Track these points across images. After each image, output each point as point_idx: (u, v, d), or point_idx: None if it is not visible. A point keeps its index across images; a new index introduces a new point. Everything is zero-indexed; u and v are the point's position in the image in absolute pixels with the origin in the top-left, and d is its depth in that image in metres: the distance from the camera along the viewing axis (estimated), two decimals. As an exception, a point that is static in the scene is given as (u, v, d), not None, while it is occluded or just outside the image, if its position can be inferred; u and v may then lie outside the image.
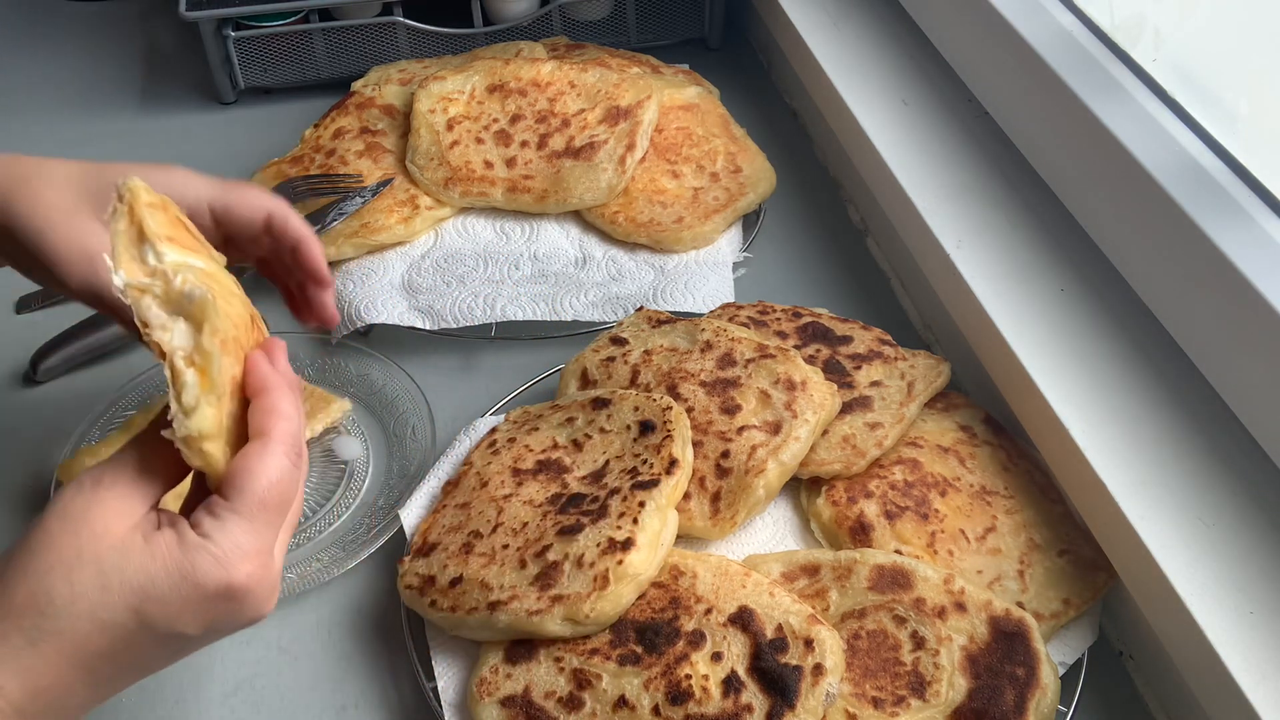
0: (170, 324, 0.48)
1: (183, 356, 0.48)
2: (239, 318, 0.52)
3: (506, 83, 1.01)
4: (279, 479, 0.50)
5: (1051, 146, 0.82)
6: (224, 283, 0.52)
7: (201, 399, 0.48)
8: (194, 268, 0.50)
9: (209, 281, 0.50)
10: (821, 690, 0.60)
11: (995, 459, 0.75)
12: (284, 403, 0.51)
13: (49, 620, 0.46)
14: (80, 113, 1.16)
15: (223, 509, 0.49)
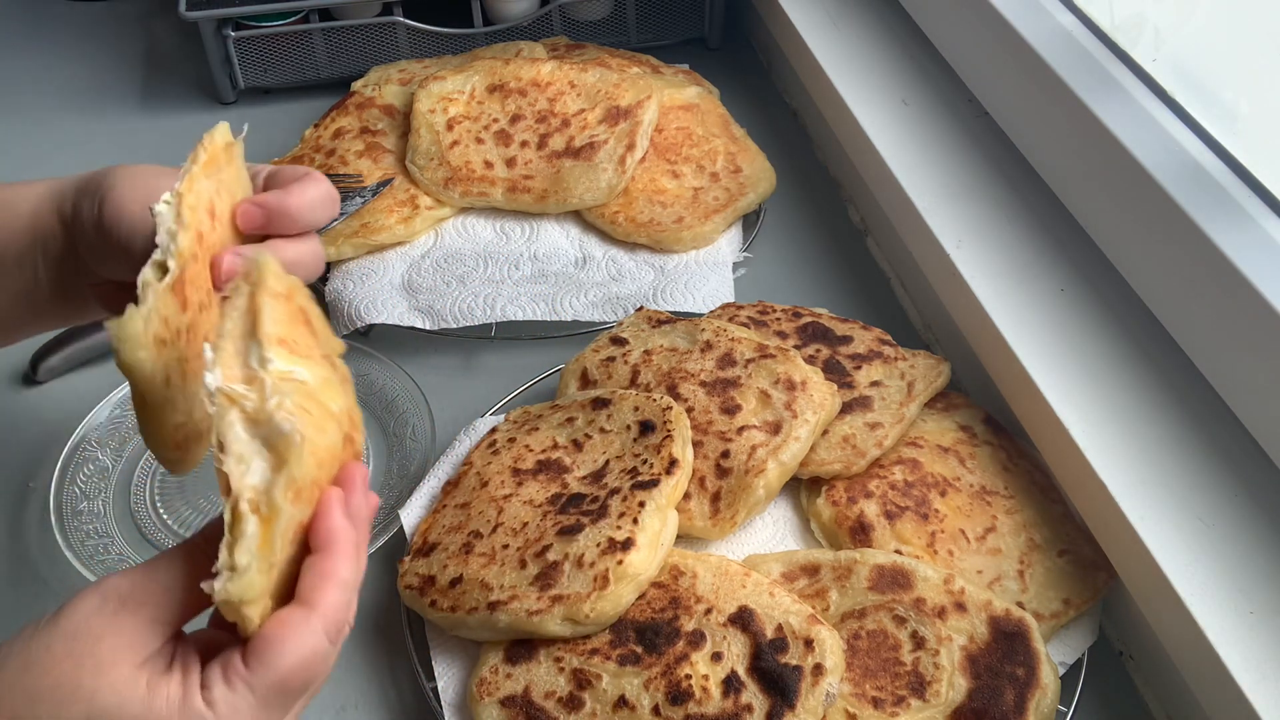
0: (249, 456, 0.43)
1: (249, 500, 0.43)
2: (328, 450, 0.46)
3: (506, 83, 1.01)
4: (309, 660, 0.45)
5: (1051, 146, 0.82)
6: (325, 400, 0.47)
7: (255, 562, 0.43)
8: (297, 383, 0.45)
9: (309, 403, 0.45)
10: (821, 690, 0.60)
11: (995, 459, 0.75)
12: (342, 566, 0.46)
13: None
14: (80, 113, 1.16)
15: (238, 679, 0.44)
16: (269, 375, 0.44)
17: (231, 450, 0.43)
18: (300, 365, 0.46)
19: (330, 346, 0.50)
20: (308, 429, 0.44)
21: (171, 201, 0.49)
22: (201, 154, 0.51)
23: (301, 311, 0.48)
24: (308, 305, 0.49)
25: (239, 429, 0.43)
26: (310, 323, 0.49)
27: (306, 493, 0.45)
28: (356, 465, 0.49)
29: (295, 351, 0.46)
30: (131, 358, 0.45)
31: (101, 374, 0.88)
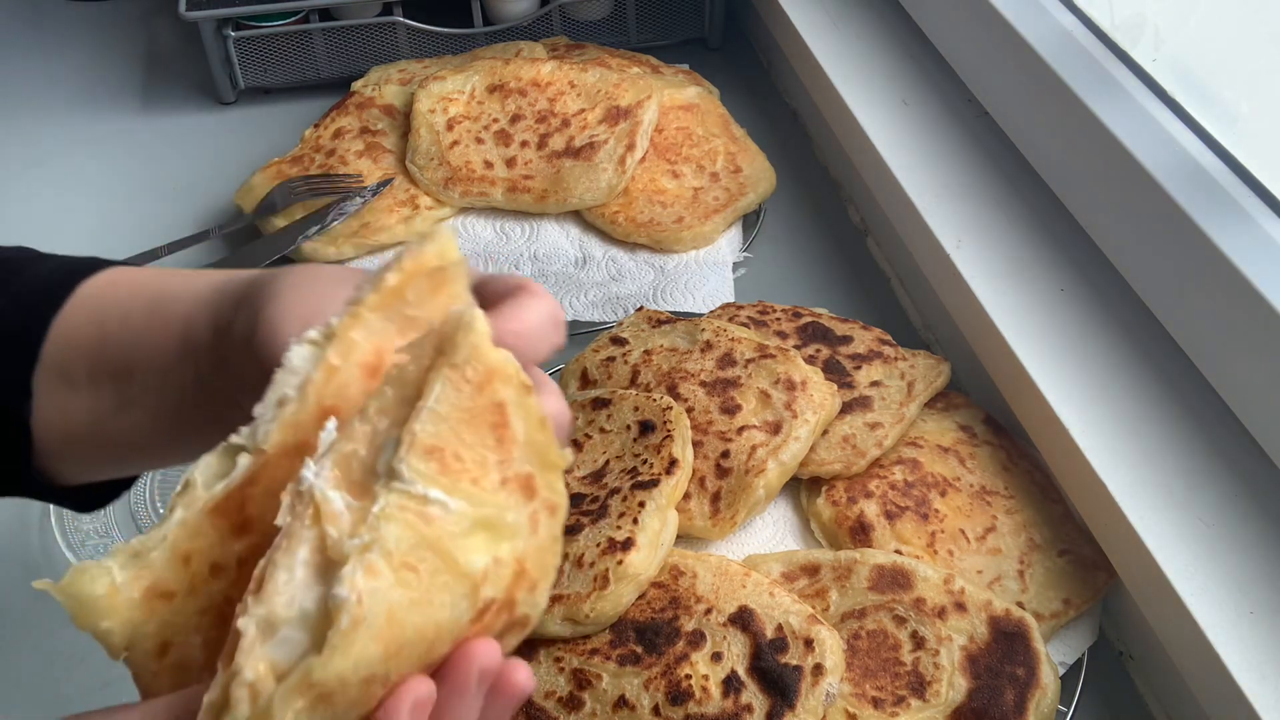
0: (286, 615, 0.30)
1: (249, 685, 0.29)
2: (424, 630, 0.31)
3: (506, 83, 1.01)
4: None
5: (1051, 146, 0.82)
6: (461, 553, 0.31)
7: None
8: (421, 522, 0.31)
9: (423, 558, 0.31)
10: (821, 690, 0.60)
11: (995, 459, 0.75)
12: None
13: None
14: (80, 113, 1.16)
15: None
16: (388, 497, 0.30)
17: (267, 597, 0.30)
18: (452, 494, 0.31)
19: (534, 457, 0.34)
20: (388, 597, 0.30)
21: (318, 341, 0.35)
22: (391, 276, 0.35)
23: (497, 409, 0.33)
24: (515, 401, 0.33)
25: (299, 567, 0.30)
26: (506, 426, 0.33)
27: (359, 695, 0.30)
28: (477, 653, 0.33)
29: (454, 470, 0.32)
30: (88, 629, 0.32)
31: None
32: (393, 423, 0.32)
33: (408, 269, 0.35)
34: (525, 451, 0.34)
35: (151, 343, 0.48)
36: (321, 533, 0.30)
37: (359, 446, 0.32)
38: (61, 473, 0.51)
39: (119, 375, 0.48)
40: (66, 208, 1.05)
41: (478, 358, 0.32)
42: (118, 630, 0.33)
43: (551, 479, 0.34)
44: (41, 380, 0.48)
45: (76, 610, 0.32)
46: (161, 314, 0.48)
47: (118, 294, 0.49)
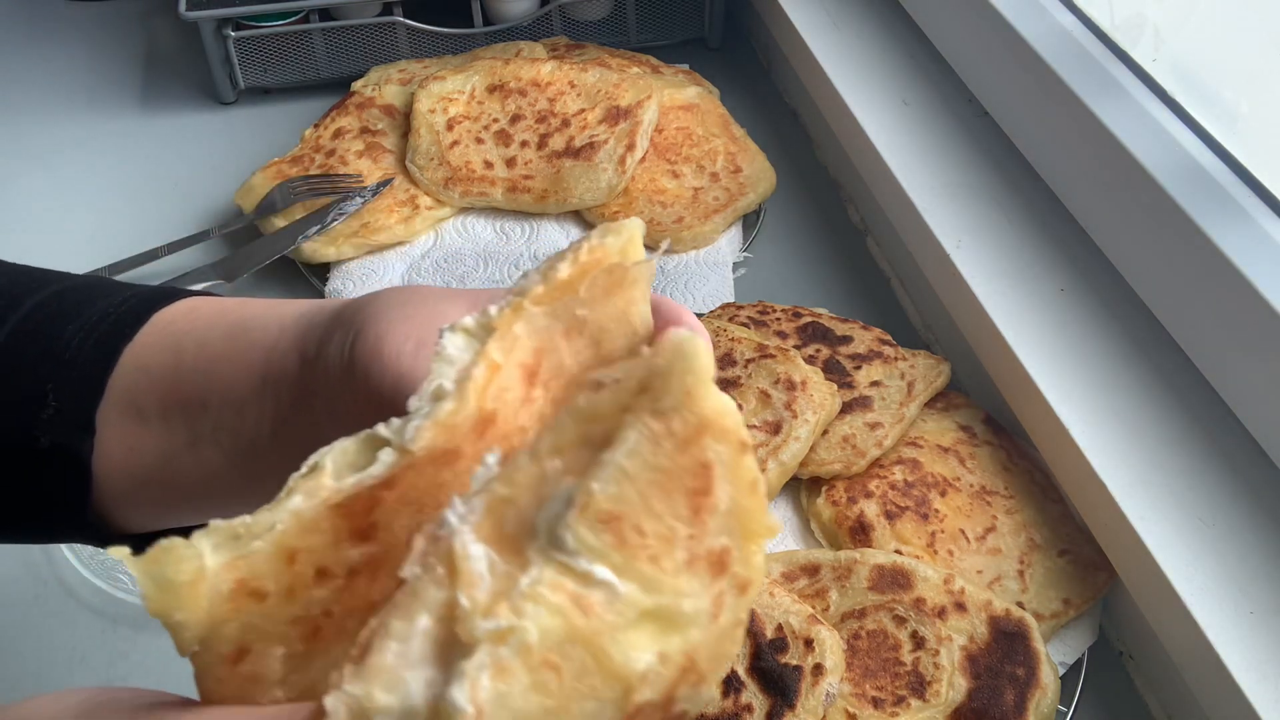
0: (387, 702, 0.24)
1: None
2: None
3: (506, 83, 1.01)
4: None
5: (1051, 146, 0.82)
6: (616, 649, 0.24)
7: None
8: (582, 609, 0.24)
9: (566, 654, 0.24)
10: (821, 690, 0.60)
11: (995, 459, 0.75)
12: None
13: None
14: (80, 113, 1.16)
15: None
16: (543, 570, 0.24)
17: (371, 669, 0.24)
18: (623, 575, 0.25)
19: (734, 528, 0.26)
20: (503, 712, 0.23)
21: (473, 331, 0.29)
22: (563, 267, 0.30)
23: (701, 472, 0.25)
24: (727, 463, 0.26)
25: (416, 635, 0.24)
26: (708, 495, 0.26)
27: None
28: None
29: (632, 545, 0.25)
30: (158, 615, 0.27)
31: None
32: (567, 469, 0.25)
33: (584, 262, 0.30)
34: (725, 522, 0.26)
35: (229, 373, 0.44)
36: (453, 599, 0.24)
37: (520, 493, 0.25)
38: (122, 518, 0.47)
39: (192, 408, 0.44)
40: (66, 208, 1.05)
41: (690, 406, 0.25)
42: (193, 625, 0.27)
43: (750, 551, 0.27)
44: (109, 414, 0.45)
45: (153, 593, 0.27)
46: (242, 342, 0.44)
47: (195, 321, 0.46)
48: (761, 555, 0.27)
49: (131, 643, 0.72)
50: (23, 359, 0.46)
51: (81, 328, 0.46)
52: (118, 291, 0.48)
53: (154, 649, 0.72)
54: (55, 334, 0.46)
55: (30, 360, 0.45)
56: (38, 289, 0.48)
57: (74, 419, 0.44)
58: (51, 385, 0.45)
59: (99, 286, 0.48)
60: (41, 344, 0.46)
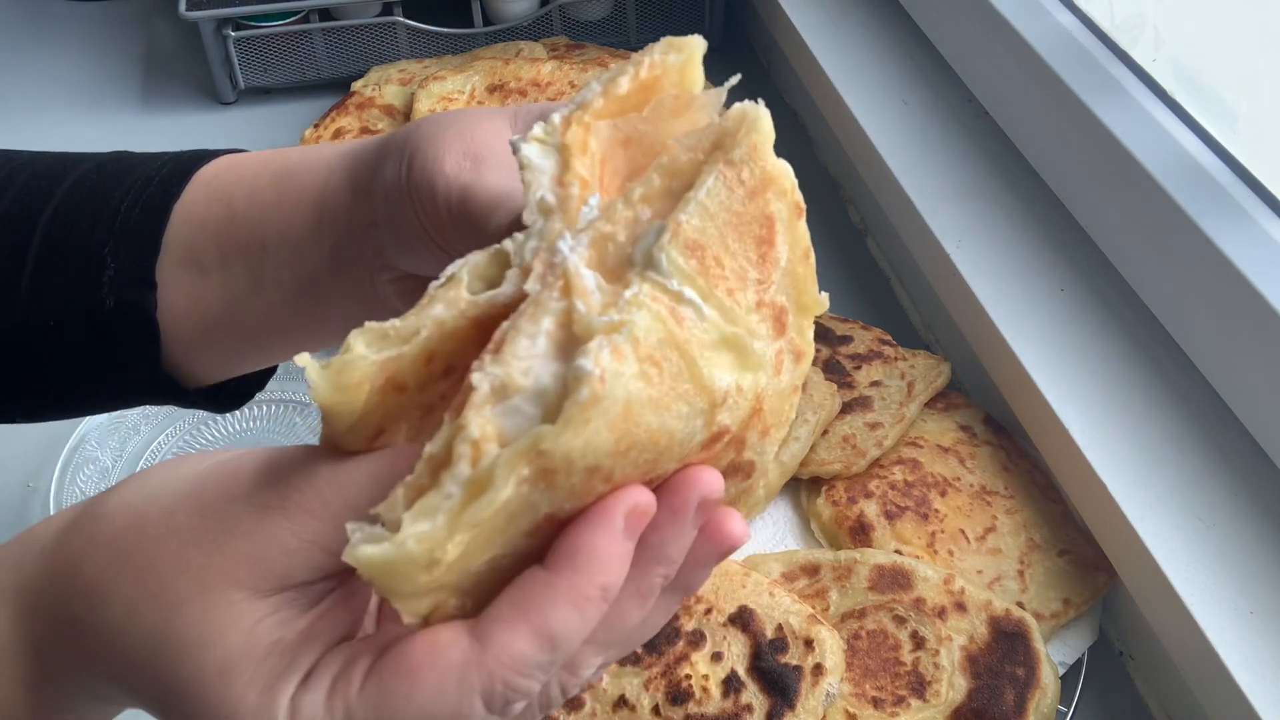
0: (519, 384, 0.27)
1: (472, 443, 0.27)
2: (656, 437, 0.28)
3: (506, 83, 1.01)
4: (433, 713, 0.29)
5: (1051, 146, 0.82)
6: (705, 364, 0.29)
7: (418, 548, 0.27)
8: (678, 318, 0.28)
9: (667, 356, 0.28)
10: (821, 690, 0.60)
11: (995, 459, 0.75)
12: (560, 616, 0.29)
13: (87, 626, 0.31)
14: (80, 113, 1.16)
15: (342, 702, 0.30)
16: (642, 285, 0.28)
17: (506, 359, 0.27)
18: (706, 300, 0.29)
19: (791, 290, 0.32)
20: (628, 386, 0.27)
21: (548, 142, 0.31)
22: (624, 81, 0.32)
23: (766, 222, 0.30)
24: (787, 220, 0.31)
25: (541, 337, 0.28)
26: (772, 245, 0.30)
27: (580, 486, 0.28)
28: (700, 478, 0.30)
29: (713, 274, 0.29)
30: (327, 406, 0.30)
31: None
32: (655, 213, 0.29)
33: (644, 79, 0.32)
34: (783, 281, 0.31)
35: (283, 216, 0.45)
36: (570, 307, 0.28)
37: (618, 230, 0.29)
38: (192, 369, 0.48)
39: (251, 253, 0.46)
40: (66, 208, 1.04)
41: (756, 159, 0.29)
42: (348, 416, 0.30)
43: (803, 324, 0.32)
44: (168, 269, 0.46)
45: (325, 391, 0.29)
46: (292, 185, 0.45)
47: (240, 173, 0.47)
48: (812, 330, 0.32)
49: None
50: (75, 229, 0.47)
51: (128, 193, 0.48)
52: (153, 159, 0.50)
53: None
54: (103, 201, 0.48)
55: (83, 229, 0.47)
56: (73, 167, 0.51)
57: (135, 276, 0.46)
58: (109, 248, 0.46)
59: (133, 158, 0.51)
60: (91, 212, 0.48)
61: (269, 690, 0.29)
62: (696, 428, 0.29)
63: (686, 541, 0.31)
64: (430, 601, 0.29)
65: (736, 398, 0.29)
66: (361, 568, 0.27)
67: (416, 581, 0.28)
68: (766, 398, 0.31)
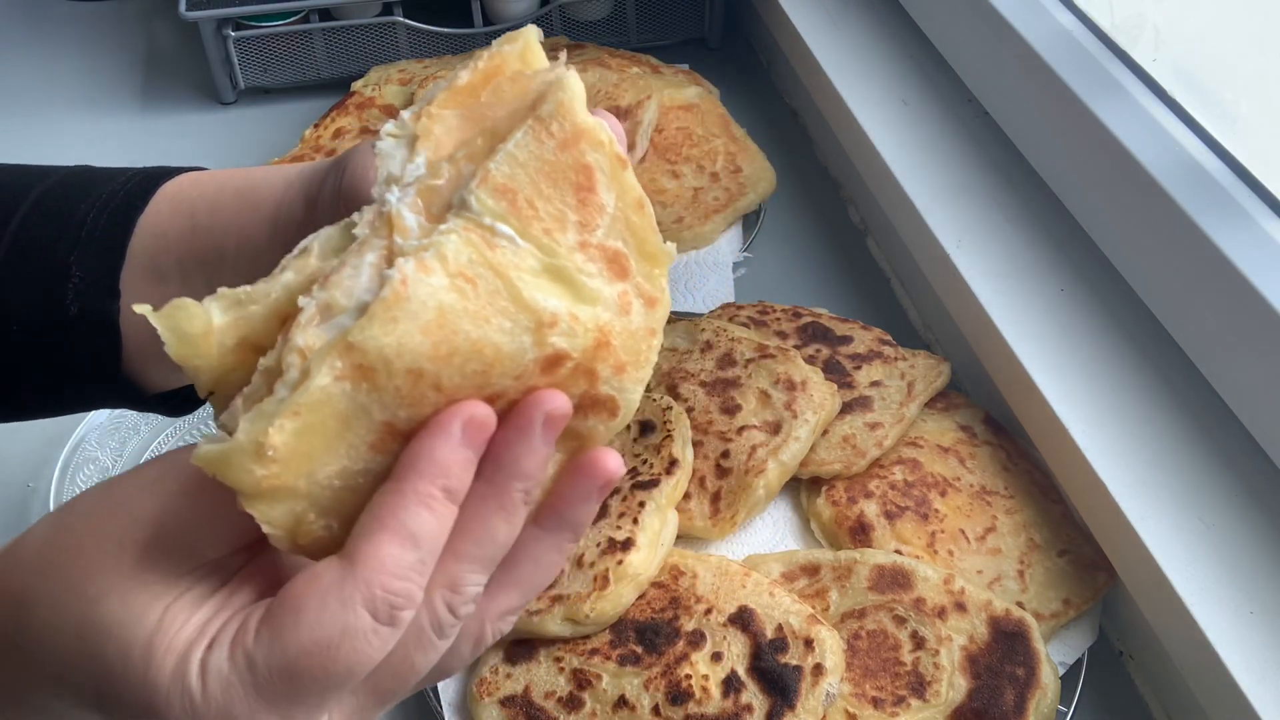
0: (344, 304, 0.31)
1: (299, 350, 0.31)
2: (481, 350, 0.31)
3: (506, 83, 1.01)
4: (332, 641, 0.31)
5: (1051, 146, 0.82)
6: (524, 288, 0.31)
7: (246, 439, 0.30)
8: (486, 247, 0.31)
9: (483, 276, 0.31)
10: (821, 690, 0.60)
11: (995, 459, 0.75)
12: (414, 516, 0.31)
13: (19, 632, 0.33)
14: (80, 113, 1.16)
15: (242, 651, 0.31)
16: (455, 220, 0.31)
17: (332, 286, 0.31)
18: (521, 236, 0.32)
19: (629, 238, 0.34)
20: (438, 295, 0.30)
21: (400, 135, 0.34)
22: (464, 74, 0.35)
23: (582, 171, 0.32)
24: (608, 170, 0.33)
25: (365, 267, 0.31)
26: (592, 191, 0.33)
27: (407, 390, 0.31)
28: (543, 397, 0.32)
29: (525, 214, 0.32)
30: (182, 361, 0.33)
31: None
32: (478, 168, 0.32)
33: (484, 69, 0.35)
34: (616, 227, 0.33)
35: (242, 227, 0.48)
36: (391, 243, 0.31)
37: (442, 182, 0.32)
38: (151, 376, 0.51)
39: (210, 263, 0.49)
40: (66, 208, 1.04)
41: (565, 114, 0.32)
42: (206, 370, 0.33)
43: (652, 271, 0.34)
44: (131, 279, 0.49)
45: (173, 342, 0.33)
46: (252, 198, 0.48)
47: (203, 189, 0.50)
48: (665, 279, 0.34)
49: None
50: (41, 239, 0.49)
51: (93, 206, 0.50)
52: (119, 174, 0.52)
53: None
54: (69, 214, 0.50)
55: (49, 239, 0.49)
56: (38, 180, 0.52)
57: (99, 285, 0.48)
58: (74, 258, 0.49)
59: (98, 172, 0.53)
60: (57, 224, 0.50)
61: (182, 660, 0.31)
62: (525, 345, 0.32)
63: (539, 458, 0.33)
64: (286, 513, 0.32)
65: (571, 324, 0.32)
66: (203, 465, 0.30)
67: (253, 473, 0.30)
68: (614, 334, 0.33)
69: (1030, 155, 0.85)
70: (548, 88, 0.33)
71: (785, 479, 0.72)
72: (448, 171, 0.33)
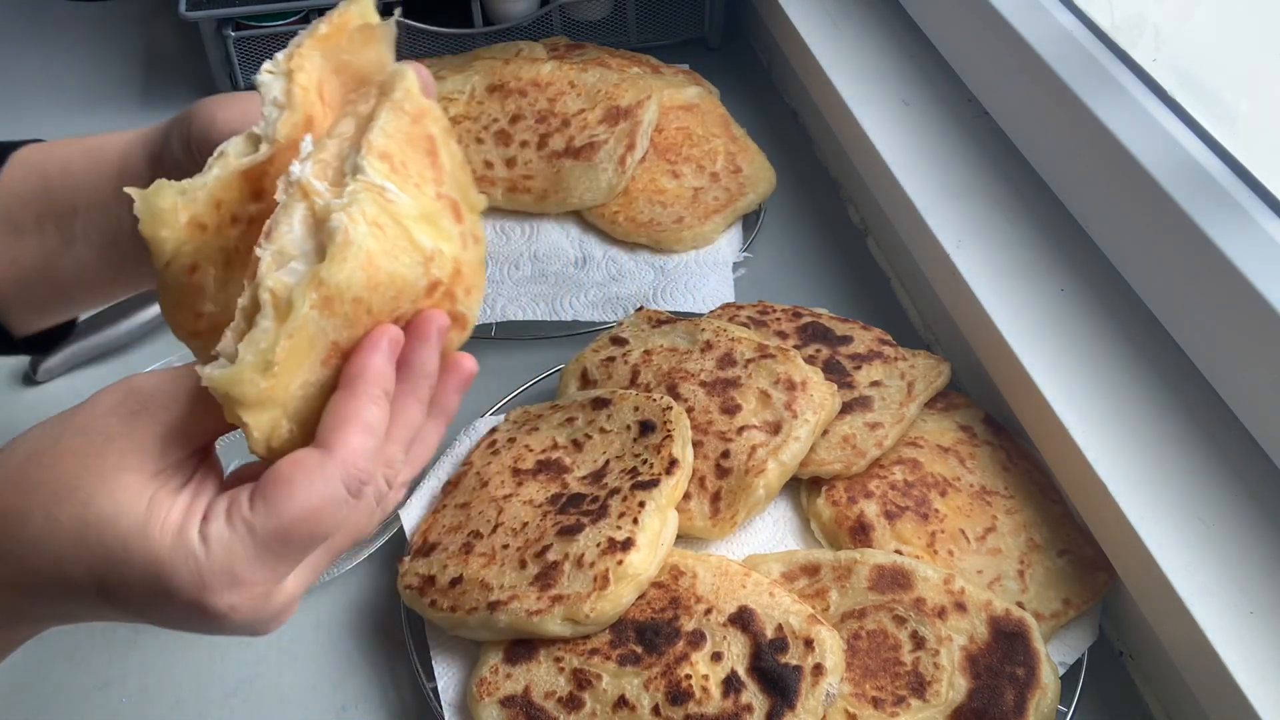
0: (292, 253, 0.40)
1: (270, 290, 0.39)
2: (393, 279, 0.42)
3: (506, 83, 1.01)
4: (319, 509, 0.40)
5: (1051, 146, 0.82)
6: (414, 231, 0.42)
7: (254, 356, 0.39)
8: (384, 200, 0.41)
9: (387, 223, 0.41)
10: (821, 690, 0.60)
11: (995, 459, 0.75)
12: (367, 409, 0.41)
13: (11, 544, 0.40)
14: (80, 113, 1.16)
15: (239, 517, 0.40)
16: (355, 183, 0.40)
17: (276, 240, 0.40)
18: (402, 190, 0.42)
19: (458, 191, 0.45)
20: (365, 239, 0.40)
21: (276, 71, 0.43)
22: (322, 26, 0.45)
23: (428, 140, 0.44)
24: (442, 139, 0.44)
25: (296, 224, 0.40)
26: (436, 155, 0.44)
27: (350, 314, 0.41)
28: (435, 315, 0.44)
29: (401, 173, 0.42)
30: (149, 233, 0.42)
31: (102, 374, 0.88)
32: (354, 145, 0.42)
33: (336, 22, 0.45)
34: (452, 181, 0.45)
35: (92, 183, 0.54)
36: (310, 203, 0.41)
37: (330, 157, 0.42)
38: (15, 321, 0.59)
39: (63, 216, 0.55)
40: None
41: (410, 98, 0.44)
42: (169, 241, 0.42)
43: (473, 217, 0.46)
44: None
45: (146, 217, 0.42)
46: (99, 156, 0.55)
47: (54, 153, 0.56)
48: (480, 223, 0.46)
49: (131, 642, 0.72)
50: None
51: None
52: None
53: (152, 648, 0.72)
54: None
55: None
56: None
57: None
58: None
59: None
60: None
61: (180, 533, 0.40)
62: (419, 274, 0.43)
63: (435, 360, 0.44)
64: (269, 419, 0.41)
65: (441, 258, 0.43)
66: (214, 385, 0.39)
67: (258, 386, 0.39)
68: (463, 264, 0.45)
69: (1030, 155, 0.85)
70: (393, 78, 0.44)
71: (785, 479, 0.72)
72: (331, 147, 0.42)
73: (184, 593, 0.40)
